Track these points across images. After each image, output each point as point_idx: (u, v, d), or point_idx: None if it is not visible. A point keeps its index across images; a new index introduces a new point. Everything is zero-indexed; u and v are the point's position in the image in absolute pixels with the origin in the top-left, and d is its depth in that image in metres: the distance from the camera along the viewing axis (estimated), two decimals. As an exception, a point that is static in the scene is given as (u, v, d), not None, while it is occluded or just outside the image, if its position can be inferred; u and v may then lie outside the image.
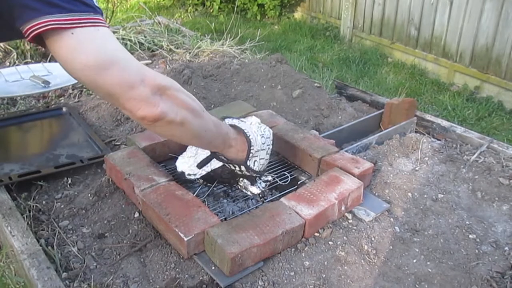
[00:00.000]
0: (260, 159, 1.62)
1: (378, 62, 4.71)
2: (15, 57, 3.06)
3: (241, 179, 1.77)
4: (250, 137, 1.56)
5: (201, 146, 1.59)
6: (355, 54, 4.86)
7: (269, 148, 1.65)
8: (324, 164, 1.82)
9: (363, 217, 1.68)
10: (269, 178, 1.82)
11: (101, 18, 1.06)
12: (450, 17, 4.20)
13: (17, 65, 2.92)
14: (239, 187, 1.78)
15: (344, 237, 1.60)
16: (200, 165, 1.67)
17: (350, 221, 1.67)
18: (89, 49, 1.02)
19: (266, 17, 6.25)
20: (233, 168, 1.61)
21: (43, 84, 2.52)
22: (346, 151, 2.00)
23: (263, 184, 1.78)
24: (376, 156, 2.06)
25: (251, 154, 1.58)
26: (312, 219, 1.54)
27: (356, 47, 5.13)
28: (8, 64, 3.01)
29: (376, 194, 1.82)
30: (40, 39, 1.02)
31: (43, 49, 3.05)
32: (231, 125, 1.58)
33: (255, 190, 1.76)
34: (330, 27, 5.65)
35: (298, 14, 6.30)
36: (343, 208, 1.66)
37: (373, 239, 1.60)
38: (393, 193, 1.83)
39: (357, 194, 1.69)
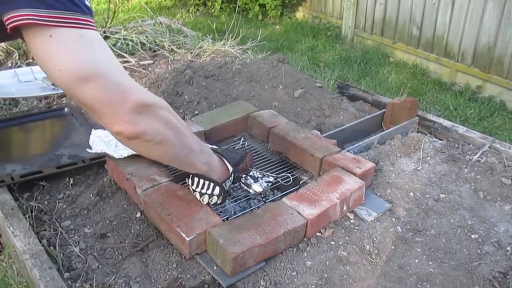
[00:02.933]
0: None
1: (380, 62, 4.71)
2: (17, 57, 3.07)
3: (243, 175, 1.78)
4: (225, 161, 1.64)
5: (181, 168, 1.53)
6: (357, 53, 4.86)
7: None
8: (326, 164, 1.82)
9: (365, 217, 1.68)
10: (271, 179, 1.83)
11: (90, 20, 0.96)
12: (452, 17, 4.19)
13: (33, 65, 2.87)
14: (242, 185, 1.78)
15: (346, 237, 1.59)
16: (177, 180, 1.65)
17: (352, 221, 1.67)
18: (69, 55, 0.92)
19: (268, 17, 6.25)
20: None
21: (53, 86, 2.51)
22: (348, 151, 1.99)
23: (265, 184, 1.79)
24: (378, 156, 2.05)
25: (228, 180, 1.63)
26: (314, 219, 1.54)
27: (358, 47, 5.12)
28: (10, 64, 3.02)
29: (378, 194, 1.82)
30: (20, 33, 0.93)
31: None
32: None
33: (257, 188, 1.76)
34: (331, 27, 5.65)
35: (299, 14, 6.30)
36: (345, 208, 1.66)
37: (375, 239, 1.60)
38: (395, 193, 1.82)
39: (359, 194, 1.69)
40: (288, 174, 1.88)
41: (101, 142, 1.79)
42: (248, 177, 1.78)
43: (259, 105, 2.39)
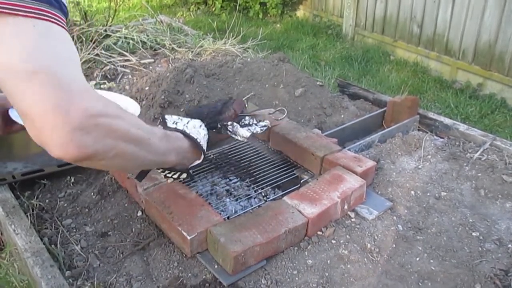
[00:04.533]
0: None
1: (381, 60, 4.70)
2: None
3: (229, 123, 1.63)
4: (201, 143, 1.40)
5: (151, 168, 1.37)
6: (358, 52, 4.85)
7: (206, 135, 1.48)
8: (327, 162, 1.82)
9: (366, 215, 1.68)
10: (266, 123, 1.69)
11: (56, 13, 0.86)
12: (452, 14, 4.18)
13: None
14: (228, 133, 1.63)
15: (347, 236, 1.59)
16: (140, 178, 1.43)
17: (353, 219, 1.67)
18: (17, 45, 0.81)
19: (268, 15, 6.24)
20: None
21: None
22: (349, 149, 1.99)
23: (259, 129, 1.65)
24: (379, 154, 2.05)
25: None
26: (315, 217, 1.54)
27: (359, 45, 5.12)
28: None
29: (379, 192, 1.82)
30: None
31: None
32: (177, 130, 1.38)
33: (244, 133, 1.61)
34: (332, 25, 5.64)
35: (300, 13, 6.29)
36: (346, 207, 1.66)
37: (376, 237, 1.60)
38: (396, 192, 1.82)
39: (360, 192, 1.69)
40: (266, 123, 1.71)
41: None
42: (235, 124, 1.61)
43: (260, 104, 2.39)
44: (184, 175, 1.41)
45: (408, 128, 2.34)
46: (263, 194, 1.80)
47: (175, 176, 1.41)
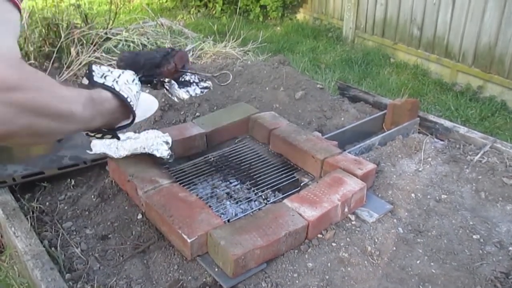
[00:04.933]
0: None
1: (381, 62, 4.71)
2: None
3: (167, 80, 1.47)
4: (131, 102, 1.23)
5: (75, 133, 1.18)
6: (358, 55, 4.85)
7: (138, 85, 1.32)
8: (327, 165, 1.82)
9: (366, 218, 1.68)
10: (208, 84, 1.54)
11: None
12: (452, 17, 4.19)
13: None
14: (165, 91, 1.50)
15: (348, 239, 1.59)
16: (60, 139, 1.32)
17: (353, 222, 1.67)
18: None
19: (269, 18, 6.25)
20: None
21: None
22: (349, 152, 1.99)
23: (199, 91, 1.51)
24: (379, 157, 2.05)
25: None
26: (315, 220, 1.54)
27: (359, 48, 5.12)
28: None
29: (379, 195, 1.82)
30: None
31: (47, 50, 3.07)
32: (104, 86, 1.20)
33: (183, 95, 1.49)
34: (332, 28, 5.65)
35: (300, 15, 6.30)
36: (346, 210, 1.66)
37: (376, 240, 1.60)
38: (396, 194, 1.82)
39: (360, 195, 1.69)
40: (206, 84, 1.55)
41: (102, 144, 1.79)
42: (173, 82, 1.46)
43: (260, 106, 2.39)
44: (109, 137, 1.27)
45: (408, 130, 2.34)
46: (263, 197, 1.80)
47: (99, 136, 1.26)
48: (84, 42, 3.17)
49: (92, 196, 1.84)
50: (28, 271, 1.50)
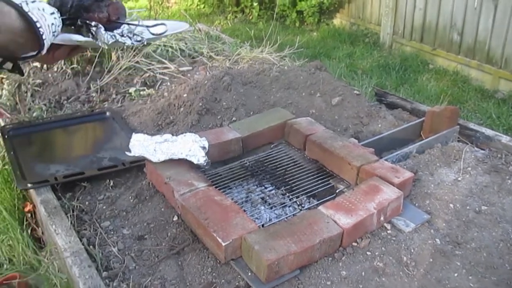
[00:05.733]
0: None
1: (419, 68, 4.62)
2: None
3: (93, 23, 1.31)
4: (41, 29, 1.06)
5: None
6: (395, 60, 4.79)
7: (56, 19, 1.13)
8: (363, 172, 1.80)
9: (403, 227, 1.65)
10: (142, 39, 1.36)
11: None
12: (494, 21, 4.07)
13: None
14: (90, 36, 1.33)
15: (383, 248, 1.57)
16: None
17: (389, 231, 1.64)
18: None
19: (305, 23, 6.25)
20: None
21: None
22: (386, 160, 1.97)
23: (129, 42, 1.33)
24: (417, 165, 2.01)
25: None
26: (350, 228, 1.52)
27: (396, 54, 5.05)
28: None
29: (416, 204, 1.78)
30: None
31: (89, 55, 3.16)
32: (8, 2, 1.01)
33: (107, 38, 1.32)
34: (369, 33, 5.60)
35: (337, 21, 6.27)
36: (382, 218, 1.63)
37: (412, 250, 1.57)
38: (434, 204, 1.78)
39: (397, 204, 1.66)
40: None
41: (140, 146, 1.83)
42: (101, 26, 1.32)
43: (297, 112, 2.39)
44: (10, 65, 1.09)
45: (447, 139, 2.28)
46: (298, 202, 1.80)
47: None
48: (125, 47, 3.25)
49: (130, 197, 1.88)
50: (67, 268, 1.55)
